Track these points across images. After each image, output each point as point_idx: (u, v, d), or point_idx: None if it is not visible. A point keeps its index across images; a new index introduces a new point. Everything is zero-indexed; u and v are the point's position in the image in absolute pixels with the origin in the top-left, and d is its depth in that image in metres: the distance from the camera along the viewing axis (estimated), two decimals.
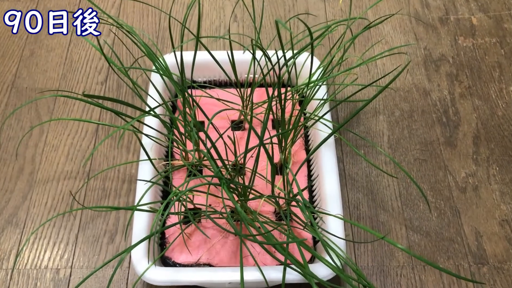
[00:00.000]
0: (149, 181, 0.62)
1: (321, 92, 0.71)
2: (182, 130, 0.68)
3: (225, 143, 0.61)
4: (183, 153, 0.69)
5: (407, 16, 0.93)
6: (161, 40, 0.89)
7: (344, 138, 0.74)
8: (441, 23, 0.93)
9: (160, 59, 0.72)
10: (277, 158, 0.69)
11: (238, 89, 0.72)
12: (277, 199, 0.62)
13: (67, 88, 0.83)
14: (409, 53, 0.88)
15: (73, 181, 0.74)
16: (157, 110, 0.71)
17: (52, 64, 0.86)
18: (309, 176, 0.71)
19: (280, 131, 0.64)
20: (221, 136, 0.58)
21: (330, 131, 0.67)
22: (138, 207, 0.57)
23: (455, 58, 0.88)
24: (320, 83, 0.66)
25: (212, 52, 0.66)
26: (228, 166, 0.56)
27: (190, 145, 0.72)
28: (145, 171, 0.65)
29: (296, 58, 0.65)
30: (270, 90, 0.72)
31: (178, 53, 0.69)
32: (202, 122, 0.76)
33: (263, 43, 0.89)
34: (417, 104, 0.82)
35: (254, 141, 0.73)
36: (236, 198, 0.59)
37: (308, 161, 0.72)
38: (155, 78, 0.72)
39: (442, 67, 0.87)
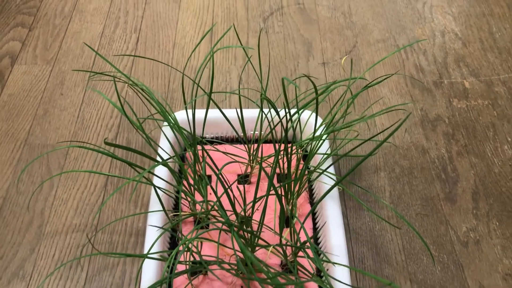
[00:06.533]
0: (160, 227, 0.63)
1: (324, 148, 0.74)
2: (191, 181, 0.70)
3: (233, 193, 0.63)
4: (191, 206, 0.71)
5: (403, 80, 0.99)
6: (170, 101, 0.94)
7: (346, 189, 0.76)
8: (435, 86, 0.98)
9: (172, 115, 0.75)
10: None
11: (245, 145, 0.75)
12: (285, 250, 0.63)
13: (78, 144, 0.86)
14: (406, 114, 0.93)
15: (81, 234, 0.75)
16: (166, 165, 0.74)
17: (64, 122, 0.90)
18: (315, 229, 0.72)
19: (286, 185, 0.66)
20: (229, 187, 0.60)
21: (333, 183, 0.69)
22: (148, 255, 0.58)
23: (450, 119, 0.92)
24: (323, 138, 0.69)
25: (219, 109, 0.70)
26: (238, 213, 0.58)
27: (197, 198, 0.74)
28: (155, 220, 0.66)
29: (301, 114, 0.68)
30: (277, 145, 0.75)
31: (188, 111, 0.72)
32: (209, 177, 0.78)
33: (267, 104, 0.93)
34: (416, 161, 0.85)
35: (260, 194, 0.75)
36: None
37: (313, 214, 0.74)
38: (166, 133, 0.75)
39: (438, 127, 0.91)
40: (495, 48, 1.05)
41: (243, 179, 0.78)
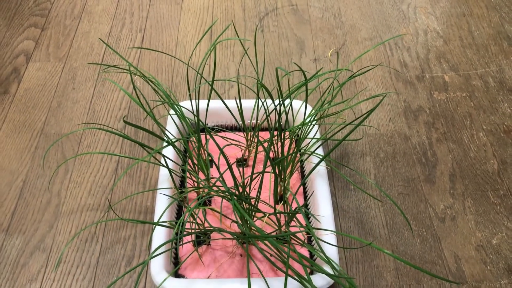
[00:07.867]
0: (170, 196, 0.71)
1: (314, 132, 0.82)
2: (195, 162, 0.78)
3: (233, 173, 0.71)
4: (195, 184, 0.79)
5: (388, 74, 1.07)
6: (173, 94, 1.02)
7: (335, 168, 0.84)
8: (418, 80, 1.06)
9: (176, 104, 0.83)
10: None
11: (243, 132, 0.83)
12: (279, 219, 0.71)
13: (90, 133, 0.94)
14: (390, 105, 1.01)
15: (95, 212, 0.83)
16: (172, 148, 0.82)
17: (77, 113, 0.98)
18: (306, 206, 0.80)
19: (280, 166, 0.74)
20: (231, 164, 0.68)
21: (322, 164, 0.77)
22: (159, 223, 0.66)
23: (431, 109, 1.00)
24: (312, 123, 0.78)
25: (220, 100, 0.78)
26: (238, 184, 0.66)
27: (201, 177, 0.82)
28: (163, 195, 0.74)
29: (292, 100, 0.76)
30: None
31: (193, 101, 0.80)
32: (211, 160, 0.86)
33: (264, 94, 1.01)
34: (399, 147, 0.94)
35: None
36: (242, 222, 0.68)
37: (304, 193, 0.82)
38: (171, 121, 0.83)
39: (420, 117, 0.99)
40: (473, 45, 1.13)
41: (241, 163, 0.86)
